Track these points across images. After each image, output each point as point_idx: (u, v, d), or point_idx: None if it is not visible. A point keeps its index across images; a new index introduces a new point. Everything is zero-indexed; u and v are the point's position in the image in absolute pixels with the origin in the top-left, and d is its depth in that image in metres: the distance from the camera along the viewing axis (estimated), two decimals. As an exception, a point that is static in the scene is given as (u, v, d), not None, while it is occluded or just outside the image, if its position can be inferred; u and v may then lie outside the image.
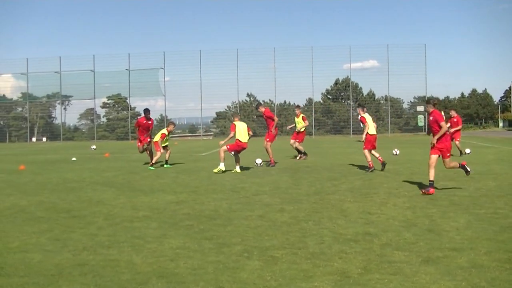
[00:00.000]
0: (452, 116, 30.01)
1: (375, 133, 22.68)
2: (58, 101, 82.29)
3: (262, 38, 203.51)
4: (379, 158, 22.36)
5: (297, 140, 29.62)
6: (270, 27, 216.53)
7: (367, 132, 22.31)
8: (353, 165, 24.81)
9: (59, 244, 10.28)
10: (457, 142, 29.71)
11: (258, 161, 26.39)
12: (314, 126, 73.65)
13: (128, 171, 24.62)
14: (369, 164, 22.00)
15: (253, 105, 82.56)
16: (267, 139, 26.56)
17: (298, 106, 32.37)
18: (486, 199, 14.39)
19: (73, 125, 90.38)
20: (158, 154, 25.89)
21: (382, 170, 21.80)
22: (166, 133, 26.24)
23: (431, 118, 16.26)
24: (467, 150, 30.62)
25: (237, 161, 23.52)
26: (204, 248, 9.74)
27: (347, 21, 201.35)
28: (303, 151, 29.77)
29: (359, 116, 23.25)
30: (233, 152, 23.60)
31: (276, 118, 27.07)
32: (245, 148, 23.63)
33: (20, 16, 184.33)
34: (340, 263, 8.52)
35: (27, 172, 24.68)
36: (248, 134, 23.73)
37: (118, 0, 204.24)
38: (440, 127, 15.76)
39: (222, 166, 22.73)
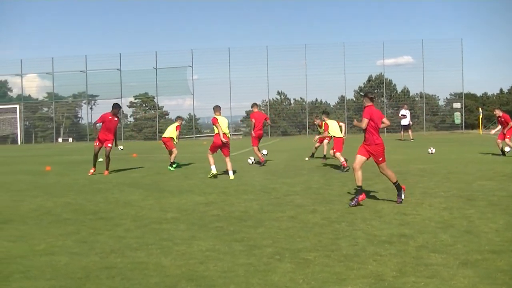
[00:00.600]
0: (498, 115, 28.38)
1: (342, 135, 24.27)
2: (84, 101, 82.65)
3: (292, 35, 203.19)
4: (343, 162, 22.78)
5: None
6: (300, 23, 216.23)
7: (333, 136, 24.35)
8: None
9: (86, 246, 10.36)
10: (507, 140, 27.65)
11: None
12: (347, 124, 73.44)
13: (156, 171, 24.72)
14: (343, 164, 22.74)
15: (284, 104, 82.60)
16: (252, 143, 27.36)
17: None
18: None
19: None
20: (175, 150, 25.85)
21: (342, 171, 22.42)
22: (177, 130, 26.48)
23: None
24: (507, 149, 30.12)
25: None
26: (234, 250, 9.78)
27: (379, 16, 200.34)
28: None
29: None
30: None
31: (253, 121, 27.28)
32: (221, 146, 22.13)
33: (44, 15, 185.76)
34: (375, 265, 8.50)
35: (53, 173, 24.87)
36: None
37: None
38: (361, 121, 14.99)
39: (213, 170, 21.83)
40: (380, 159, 14.60)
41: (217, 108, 22.41)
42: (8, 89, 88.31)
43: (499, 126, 28.67)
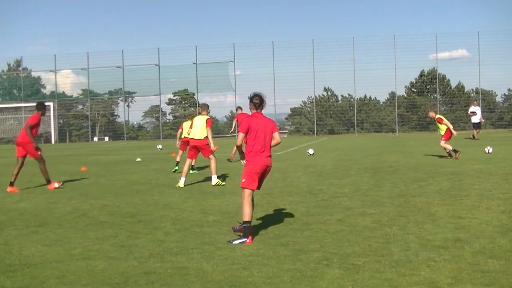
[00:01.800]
0: None
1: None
2: (120, 98, 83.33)
3: (339, 28, 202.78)
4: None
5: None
6: (348, 15, 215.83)
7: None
8: (442, 165, 24.56)
9: (124, 250, 10.50)
10: None
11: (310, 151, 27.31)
12: (398, 122, 73.25)
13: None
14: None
15: (331, 100, 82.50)
16: None
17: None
18: None
19: (137, 123, 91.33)
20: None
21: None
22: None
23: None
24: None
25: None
26: (279, 255, 9.85)
27: (432, 7, 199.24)
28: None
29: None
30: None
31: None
32: (196, 146, 20.35)
33: (79, 9, 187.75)
34: (428, 272, 8.49)
35: (89, 174, 25.17)
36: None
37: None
38: None
39: (181, 182, 19.74)
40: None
41: (203, 107, 21.29)
42: (42, 85, 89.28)
43: None
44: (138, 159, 33.49)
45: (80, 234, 12.14)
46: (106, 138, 77.89)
